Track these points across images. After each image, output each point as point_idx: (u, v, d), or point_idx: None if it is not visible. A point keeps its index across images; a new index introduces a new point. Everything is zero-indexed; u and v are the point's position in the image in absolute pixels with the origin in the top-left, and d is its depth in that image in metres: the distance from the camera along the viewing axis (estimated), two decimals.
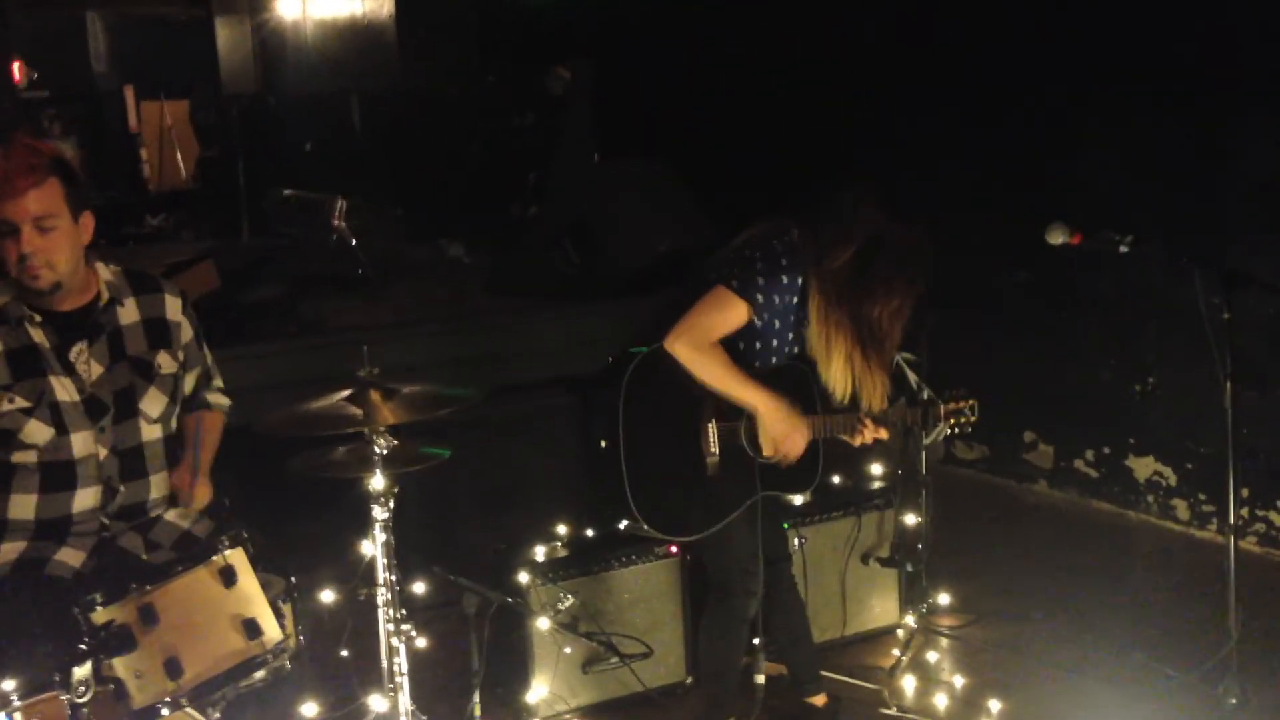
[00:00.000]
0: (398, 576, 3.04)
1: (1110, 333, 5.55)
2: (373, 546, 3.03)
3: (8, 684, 2.43)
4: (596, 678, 3.86)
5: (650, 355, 3.27)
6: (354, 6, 10.19)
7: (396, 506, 3.00)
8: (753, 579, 3.42)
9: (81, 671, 2.35)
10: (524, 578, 3.76)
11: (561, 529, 4.21)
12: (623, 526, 3.36)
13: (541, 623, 3.74)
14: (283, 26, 11.41)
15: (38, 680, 2.43)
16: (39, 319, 2.96)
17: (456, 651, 3.74)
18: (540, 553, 3.95)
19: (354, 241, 6.86)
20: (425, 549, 3.97)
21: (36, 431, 2.94)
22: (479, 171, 8.18)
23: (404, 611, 3.07)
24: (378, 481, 2.95)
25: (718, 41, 7.05)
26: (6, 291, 2.95)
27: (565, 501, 4.49)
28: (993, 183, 5.78)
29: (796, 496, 3.92)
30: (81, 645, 2.40)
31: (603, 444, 3.28)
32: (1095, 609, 4.48)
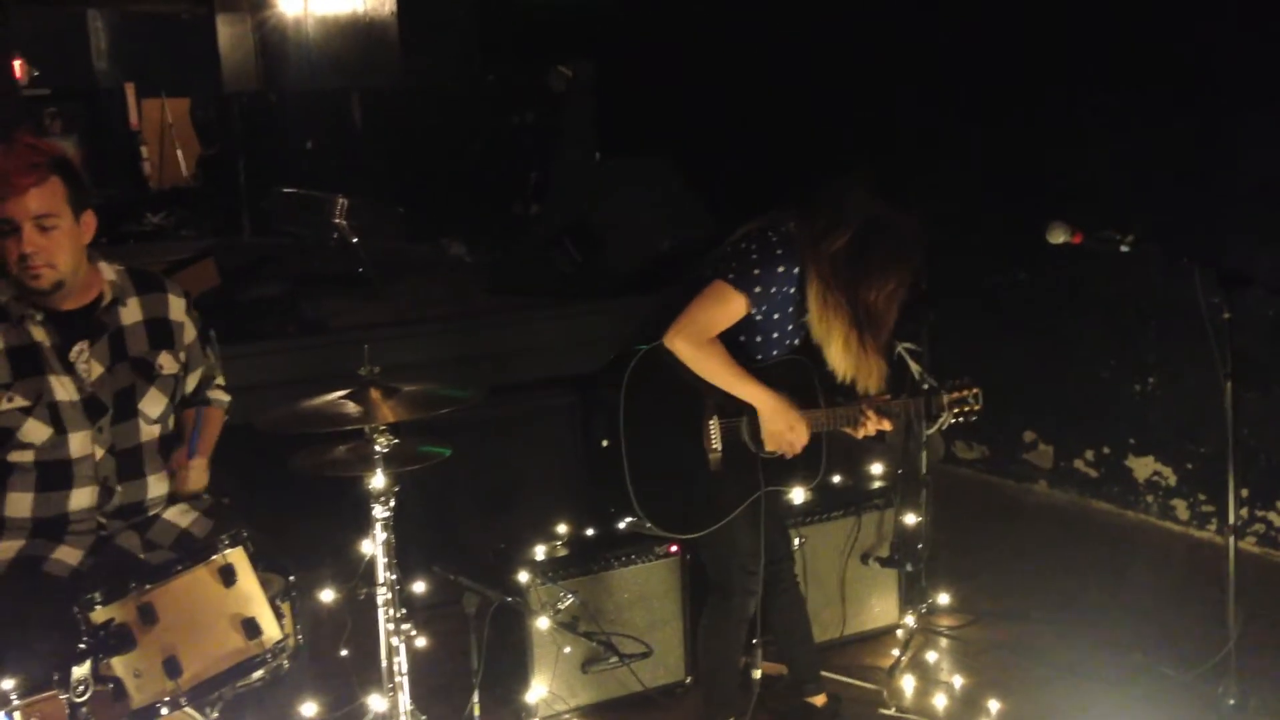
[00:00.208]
0: (397, 575, 3.04)
1: (1111, 332, 5.55)
2: (373, 545, 3.03)
3: (7, 683, 2.43)
4: (596, 677, 3.86)
5: (651, 352, 3.27)
6: (355, 4, 10.17)
7: (396, 505, 3.00)
8: (753, 578, 3.42)
9: (80, 670, 2.35)
10: (524, 577, 3.75)
11: (562, 528, 4.20)
12: (625, 525, 3.36)
13: (541, 622, 3.74)
14: (284, 24, 11.39)
15: (37, 679, 2.43)
16: (40, 317, 2.96)
17: (456, 651, 3.74)
18: (540, 552, 3.94)
19: (355, 240, 6.84)
20: (425, 548, 3.97)
21: (34, 431, 2.93)
22: (480, 170, 8.17)
23: (404, 611, 3.06)
24: (378, 480, 2.95)
25: (719, 39, 7.05)
26: (8, 290, 2.94)
27: (565, 500, 4.49)
28: (993, 182, 5.78)
29: (799, 491, 3.93)
30: (81, 644, 2.39)
31: (604, 442, 3.27)
32: (1094, 609, 4.49)
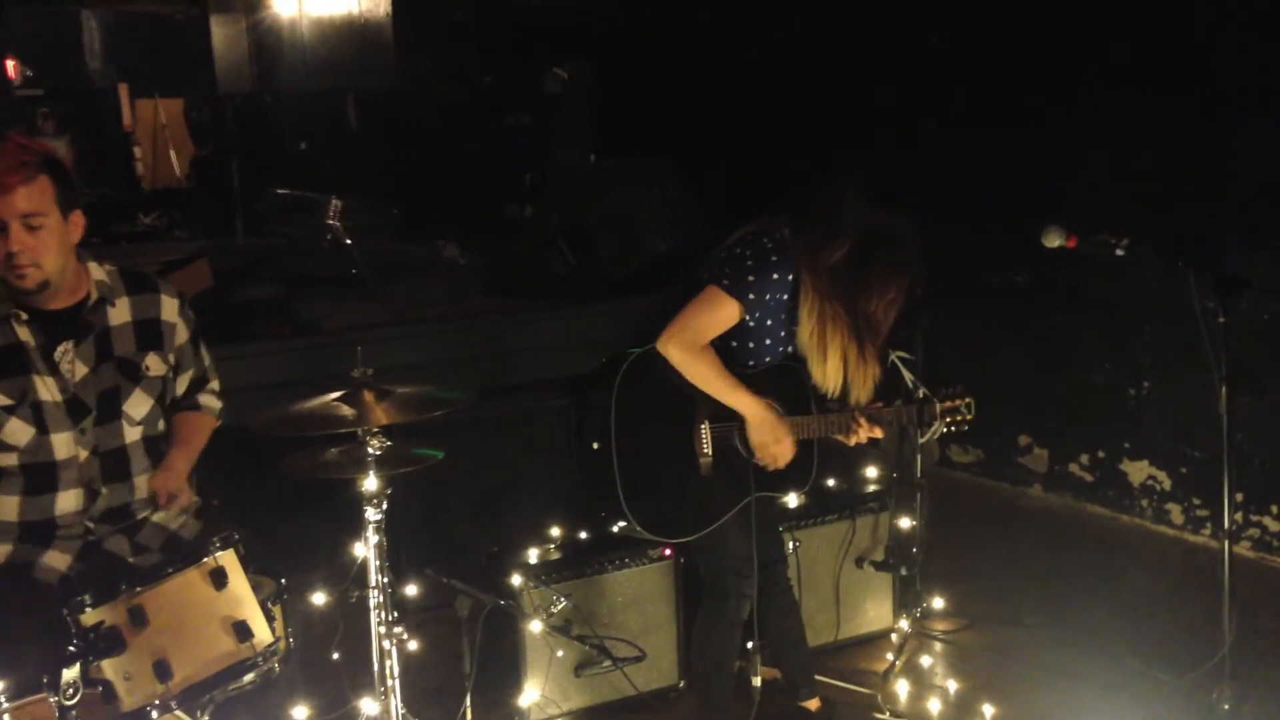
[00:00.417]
0: (390, 579, 3.02)
1: (1106, 336, 5.54)
2: (365, 548, 3.01)
3: None
4: (589, 681, 3.85)
5: (643, 356, 3.27)
6: (350, 5, 10.15)
7: (389, 508, 2.98)
8: (746, 582, 3.41)
9: (70, 673, 2.33)
10: (517, 580, 3.74)
11: (555, 531, 4.19)
12: (617, 529, 3.35)
13: (534, 625, 3.72)
14: (279, 24, 11.35)
15: (26, 682, 2.41)
16: (25, 317, 2.94)
17: (448, 654, 3.74)
18: (533, 555, 3.93)
19: (349, 241, 6.83)
20: (418, 551, 3.96)
21: (17, 431, 2.92)
22: (475, 171, 8.17)
23: (396, 614, 3.05)
24: (370, 483, 2.93)
25: (716, 41, 7.04)
26: None
27: (559, 503, 4.48)
28: (989, 185, 5.78)
29: (791, 497, 3.92)
30: (70, 647, 2.38)
31: (595, 445, 3.27)
32: (1089, 614, 4.48)
